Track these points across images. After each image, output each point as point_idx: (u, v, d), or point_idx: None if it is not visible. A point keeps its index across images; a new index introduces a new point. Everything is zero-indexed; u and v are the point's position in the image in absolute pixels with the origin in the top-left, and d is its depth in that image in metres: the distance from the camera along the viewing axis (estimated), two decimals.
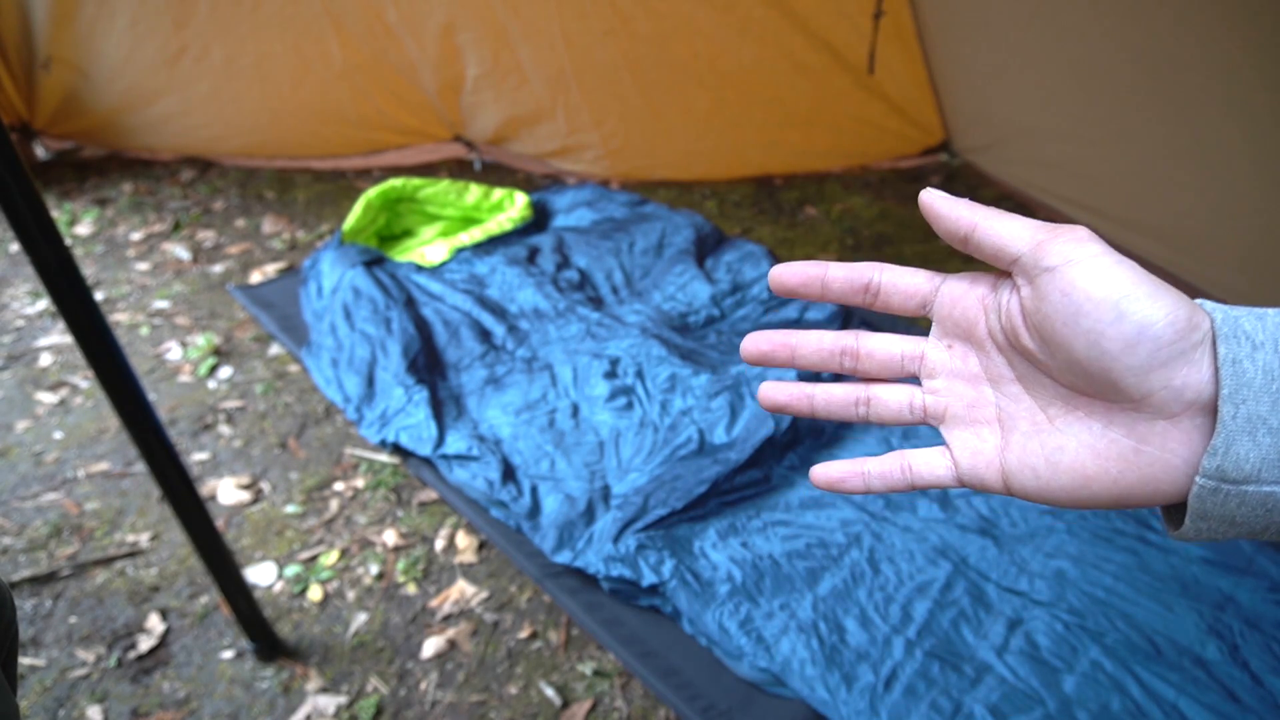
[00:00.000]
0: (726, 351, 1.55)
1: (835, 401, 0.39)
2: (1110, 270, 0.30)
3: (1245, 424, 0.28)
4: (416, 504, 1.70)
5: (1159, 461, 0.31)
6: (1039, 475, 0.34)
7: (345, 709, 1.32)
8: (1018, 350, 0.35)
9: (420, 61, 2.89)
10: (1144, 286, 0.30)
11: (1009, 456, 0.35)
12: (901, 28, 2.70)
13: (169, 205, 3.02)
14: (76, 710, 1.33)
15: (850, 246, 2.61)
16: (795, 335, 0.39)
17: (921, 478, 0.37)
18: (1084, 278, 0.30)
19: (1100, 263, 0.31)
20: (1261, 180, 1.89)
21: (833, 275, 0.37)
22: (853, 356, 0.39)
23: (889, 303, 0.38)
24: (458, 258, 1.84)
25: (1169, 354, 0.29)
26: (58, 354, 2.22)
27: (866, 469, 0.38)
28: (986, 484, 0.36)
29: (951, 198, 0.35)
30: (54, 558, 1.61)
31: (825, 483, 0.38)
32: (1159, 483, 0.31)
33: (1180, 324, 0.29)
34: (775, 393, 0.39)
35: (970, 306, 0.36)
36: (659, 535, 1.16)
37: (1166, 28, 1.96)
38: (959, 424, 0.37)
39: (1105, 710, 0.94)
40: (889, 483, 0.38)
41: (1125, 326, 0.30)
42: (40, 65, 3.00)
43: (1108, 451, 0.32)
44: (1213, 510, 0.29)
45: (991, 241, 0.34)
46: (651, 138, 2.95)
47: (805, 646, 1.02)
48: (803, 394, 0.39)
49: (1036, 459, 0.34)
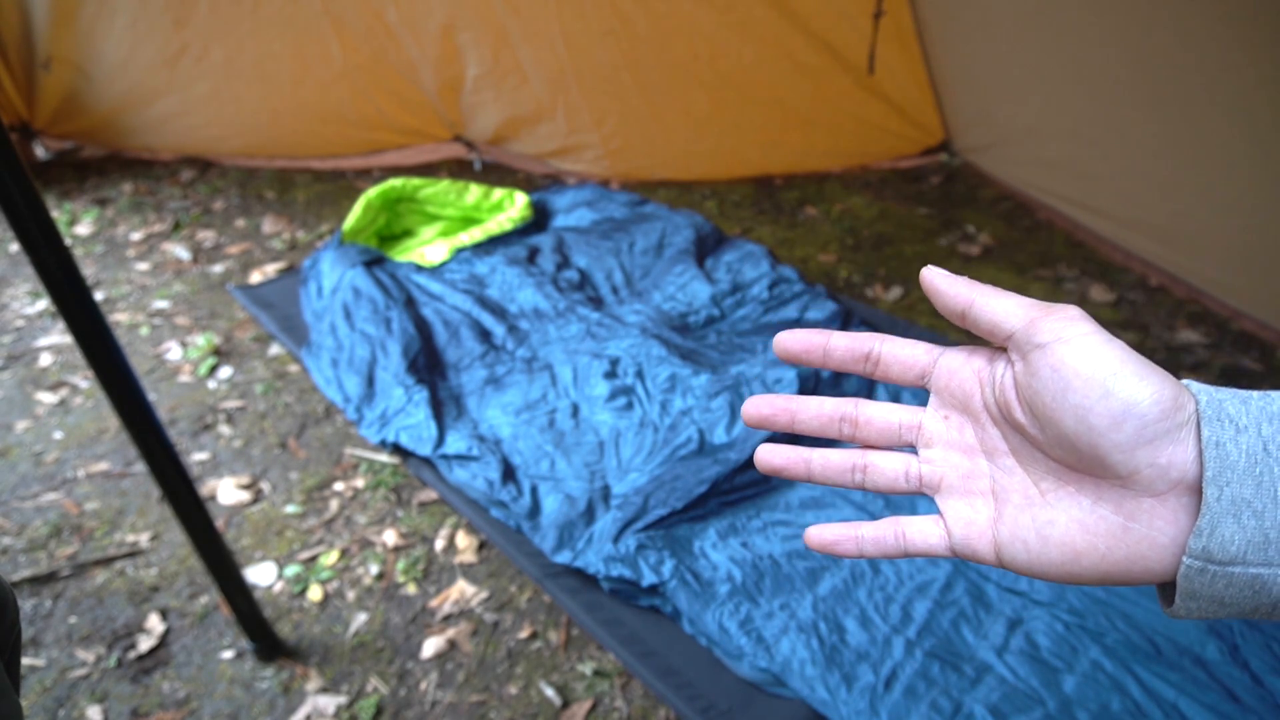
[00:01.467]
0: (726, 351, 1.55)
1: (832, 467, 0.39)
2: (1099, 349, 0.31)
3: (1230, 506, 0.29)
4: (416, 504, 1.70)
5: (1146, 539, 0.31)
6: (1029, 548, 0.34)
7: (345, 709, 1.32)
8: (1011, 424, 0.35)
9: (420, 61, 2.89)
10: (1131, 366, 0.31)
11: (1001, 529, 0.36)
12: (901, 28, 2.70)
13: (169, 205, 3.02)
14: (76, 710, 1.33)
15: (850, 246, 2.61)
16: (795, 401, 0.40)
17: (915, 545, 0.38)
18: (1073, 355, 0.31)
19: (1089, 341, 0.32)
20: (1261, 180, 1.89)
21: (834, 344, 0.38)
22: (851, 424, 0.39)
23: (888, 373, 0.39)
24: (458, 258, 1.84)
25: (1154, 432, 0.30)
26: (58, 354, 2.21)
27: (860, 534, 0.38)
28: (978, 554, 0.36)
29: (950, 275, 0.36)
30: (54, 558, 1.61)
31: (819, 545, 0.39)
32: (1147, 560, 0.32)
33: (1166, 403, 0.30)
34: (772, 456, 0.40)
35: (967, 379, 0.37)
36: (659, 535, 1.16)
37: (1166, 28, 1.96)
38: (954, 494, 0.38)
39: (1105, 710, 0.94)
40: (882, 548, 0.38)
41: (1112, 403, 0.30)
42: (40, 65, 3.00)
43: (1096, 527, 0.33)
44: (1201, 590, 0.30)
45: (987, 318, 0.35)
46: (651, 138, 2.95)
47: (805, 646, 1.02)
48: (800, 458, 0.39)
49: (1028, 532, 0.35)
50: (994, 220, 2.71)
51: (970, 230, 2.66)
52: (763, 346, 1.56)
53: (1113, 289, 2.31)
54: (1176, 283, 2.25)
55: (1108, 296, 2.27)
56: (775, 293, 1.69)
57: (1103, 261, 2.43)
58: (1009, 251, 2.53)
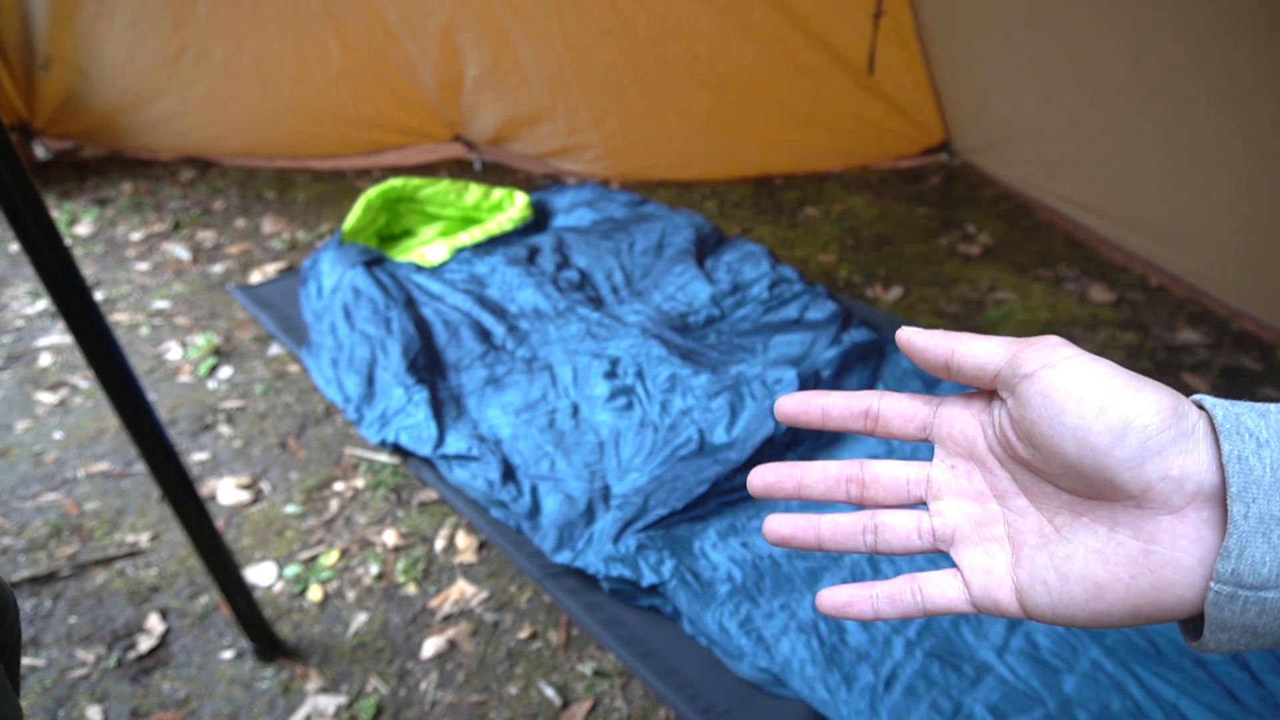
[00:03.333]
0: (726, 351, 1.55)
1: (842, 531, 0.38)
2: (1086, 368, 0.31)
3: (1258, 524, 0.27)
4: (416, 504, 1.70)
5: (1170, 562, 0.30)
6: (1050, 589, 0.33)
7: (345, 709, 1.32)
8: (1017, 461, 0.35)
9: (420, 61, 2.89)
10: (1122, 379, 0.30)
11: (1020, 573, 0.35)
12: (901, 28, 2.70)
13: (169, 205, 3.02)
14: (76, 710, 1.33)
15: (850, 246, 2.61)
16: (801, 467, 0.39)
17: (933, 602, 0.37)
18: (1061, 378, 0.31)
19: (1075, 363, 0.31)
20: (1261, 180, 1.89)
21: (832, 404, 0.38)
22: (858, 485, 0.39)
23: (889, 428, 0.38)
24: (458, 258, 1.84)
25: (1160, 443, 0.29)
26: (58, 354, 2.21)
27: (875, 593, 0.37)
28: (1000, 605, 0.35)
29: (925, 331, 0.36)
30: (54, 558, 1.61)
31: (832, 607, 0.38)
32: (1176, 587, 0.30)
33: (1165, 412, 0.29)
34: (781, 526, 0.39)
35: (968, 425, 0.37)
36: (659, 535, 1.16)
37: (1166, 28, 1.96)
38: (968, 544, 0.37)
39: (1105, 710, 0.94)
40: (899, 607, 0.37)
41: (1110, 419, 0.30)
42: (40, 65, 3.00)
43: (1116, 555, 0.31)
44: (1232, 620, 0.28)
45: (970, 363, 0.35)
46: (651, 138, 2.95)
47: (805, 646, 1.02)
48: (809, 526, 0.39)
49: (1046, 571, 0.34)
50: (994, 220, 2.71)
51: (970, 230, 2.66)
52: (762, 346, 1.56)
53: (1113, 289, 2.31)
54: (1176, 283, 2.25)
55: (1108, 296, 2.27)
56: (775, 293, 1.69)
57: (1103, 261, 2.43)
58: (1009, 251, 2.53)
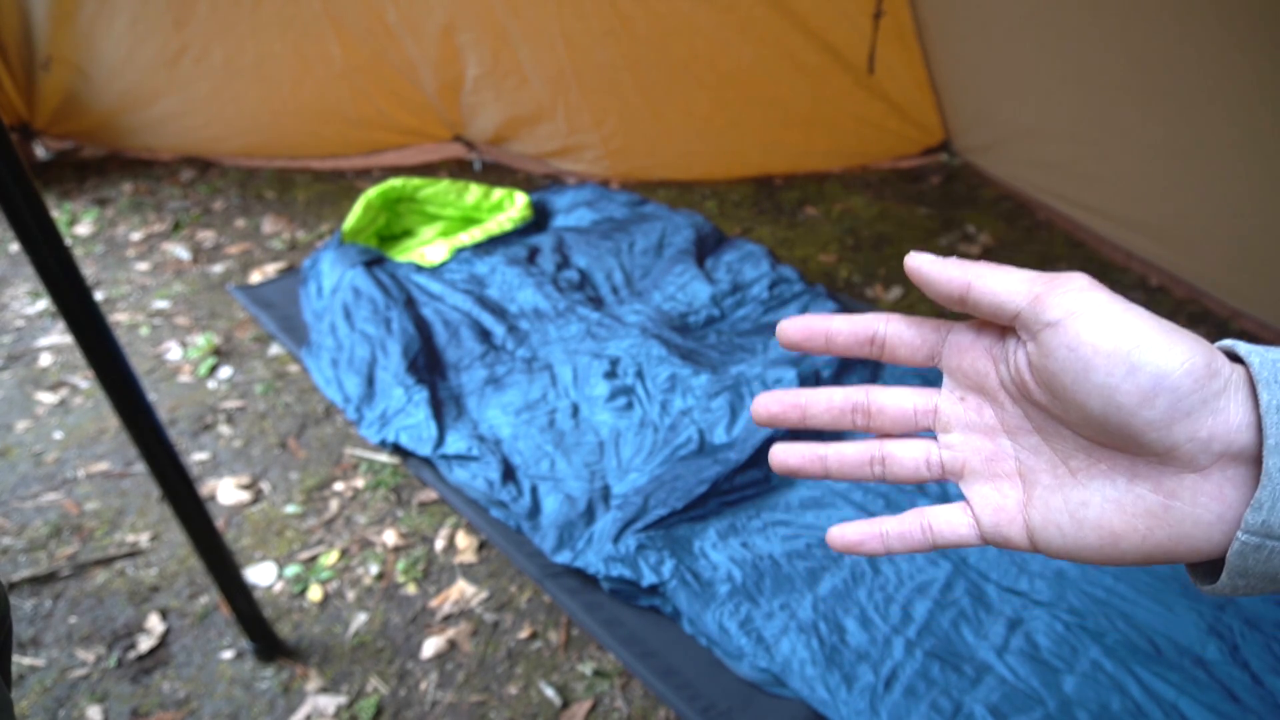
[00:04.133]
0: (726, 351, 1.55)
1: (849, 461, 0.37)
2: (1117, 319, 0.29)
3: None
4: (416, 504, 1.70)
5: (1190, 517, 0.29)
6: (1064, 532, 0.32)
7: (345, 709, 1.32)
8: (1032, 402, 0.33)
9: (420, 61, 2.89)
10: (1155, 334, 0.28)
11: (1032, 512, 0.33)
12: (901, 28, 2.70)
13: (169, 205, 3.02)
14: (76, 710, 1.33)
15: (850, 246, 2.61)
16: (805, 394, 0.38)
17: (943, 536, 0.36)
18: (1090, 330, 0.29)
19: (1106, 312, 0.29)
20: (1261, 180, 1.89)
21: (836, 328, 0.36)
22: (864, 414, 0.37)
23: (895, 355, 0.36)
24: (458, 258, 1.84)
25: (1190, 404, 0.28)
26: (58, 354, 2.21)
27: (885, 529, 0.36)
28: (1011, 540, 0.34)
29: (939, 259, 0.34)
30: (54, 558, 1.60)
31: (843, 546, 0.37)
32: (1192, 540, 0.29)
33: (1199, 371, 0.27)
34: (787, 455, 0.38)
35: (979, 357, 0.35)
36: (659, 535, 1.16)
37: (1166, 28, 1.96)
38: (978, 479, 0.35)
39: (1105, 710, 0.94)
40: (909, 543, 0.36)
41: (1140, 378, 0.28)
42: (40, 65, 3.00)
43: (1134, 507, 0.30)
44: (1255, 567, 0.28)
45: (988, 300, 0.32)
46: (651, 138, 2.95)
47: (805, 646, 1.02)
48: (815, 455, 0.38)
49: (1060, 515, 0.32)
50: (994, 220, 2.71)
51: (970, 230, 2.66)
52: (763, 346, 1.56)
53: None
54: (1176, 283, 2.25)
55: None
56: (775, 293, 1.69)
57: (1103, 261, 2.43)
58: (1009, 251, 2.53)
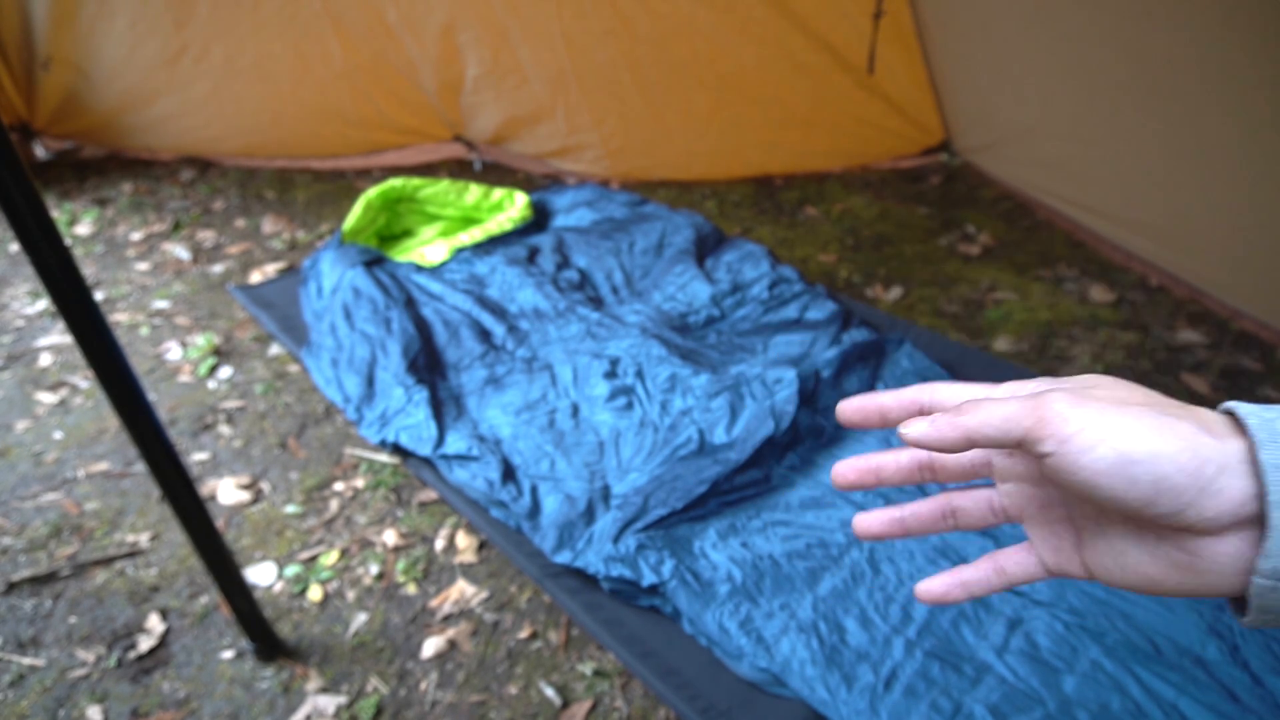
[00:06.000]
0: (726, 351, 1.55)
1: (925, 518, 0.42)
2: (1106, 435, 0.31)
3: None
4: (416, 504, 1.70)
5: (1213, 570, 0.32)
6: (1112, 574, 0.36)
7: (345, 709, 1.32)
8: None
9: (420, 61, 2.89)
10: (1145, 440, 0.31)
11: (1085, 555, 0.37)
12: (901, 28, 2.70)
13: (169, 205, 3.02)
14: (76, 710, 1.33)
15: (850, 246, 2.61)
16: (876, 459, 0.42)
17: (1016, 577, 0.40)
18: (1084, 455, 0.31)
19: (1093, 431, 0.31)
20: (1261, 180, 1.89)
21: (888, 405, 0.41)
22: (930, 470, 0.42)
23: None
24: (458, 258, 1.84)
25: (1190, 495, 0.30)
26: (58, 354, 2.21)
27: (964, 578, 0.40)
28: (1072, 575, 0.38)
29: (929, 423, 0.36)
30: (54, 558, 1.60)
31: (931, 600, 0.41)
32: (1219, 586, 0.32)
33: (1190, 466, 0.30)
34: (870, 524, 0.43)
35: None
36: (659, 535, 1.16)
37: (1165, 28, 1.96)
38: (1036, 523, 0.39)
39: (1105, 710, 0.94)
40: (990, 588, 0.40)
41: (1140, 488, 0.31)
42: (40, 65, 3.00)
43: (1165, 561, 0.34)
44: (1275, 605, 0.31)
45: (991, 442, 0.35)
46: (651, 138, 2.95)
47: (805, 646, 1.02)
48: (894, 519, 0.42)
49: (1108, 560, 0.36)
50: (994, 220, 2.71)
51: (970, 230, 2.66)
52: (762, 346, 1.56)
53: (1113, 289, 2.31)
54: (1176, 283, 2.25)
55: (1108, 296, 2.27)
56: (775, 293, 1.69)
57: (1103, 261, 2.43)
58: (1009, 251, 2.53)
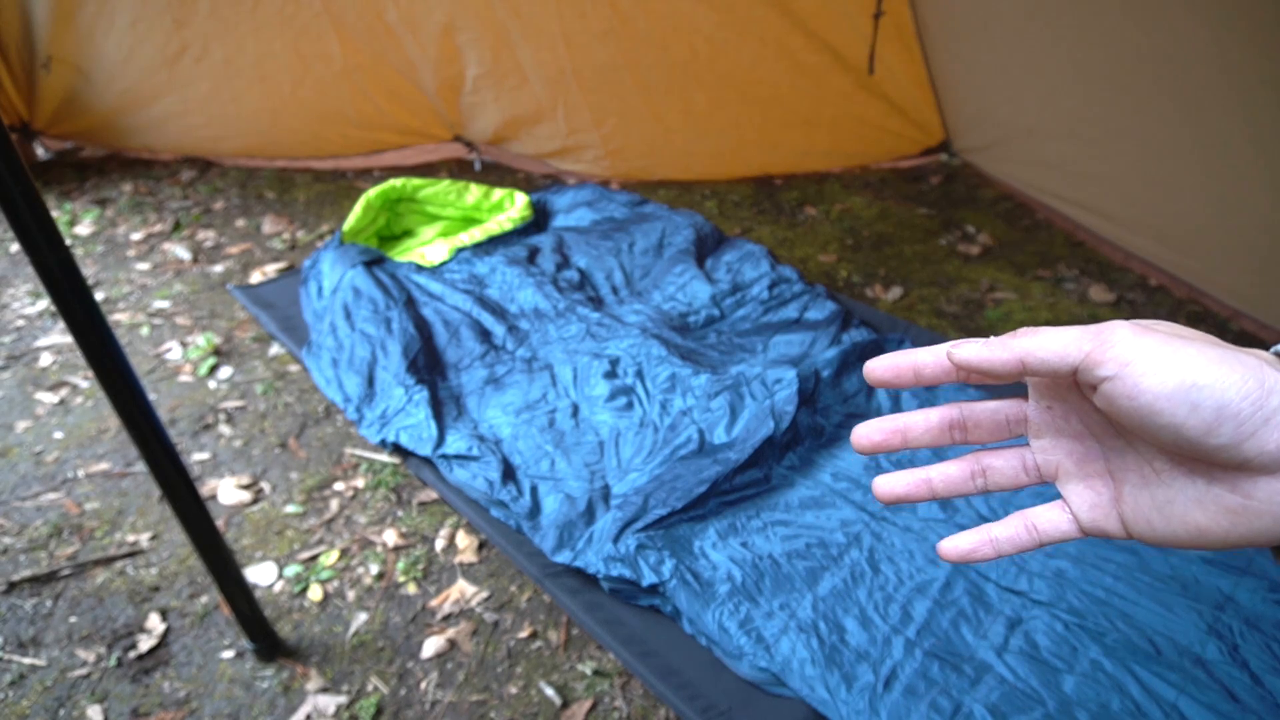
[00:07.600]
0: (726, 351, 1.55)
1: (953, 479, 0.40)
2: (1169, 361, 0.30)
3: None
4: (416, 504, 1.70)
5: (1268, 513, 0.31)
6: (1154, 526, 0.35)
7: (345, 709, 1.32)
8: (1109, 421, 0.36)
9: (420, 61, 2.89)
10: (1208, 365, 0.30)
11: (1124, 508, 0.36)
12: (901, 28, 2.70)
13: (169, 205, 3.02)
14: (76, 710, 1.33)
15: (850, 246, 2.61)
16: (903, 419, 0.40)
17: (1048, 535, 0.38)
18: (1146, 378, 0.31)
19: (1157, 357, 0.31)
20: (1261, 180, 1.89)
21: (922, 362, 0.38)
22: (961, 429, 0.40)
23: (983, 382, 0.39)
24: (458, 258, 1.84)
25: (1254, 425, 0.30)
26: (58, 354, 2.21)
27: (994, 535, 0.39)
28: (1109, 533, 0.37)
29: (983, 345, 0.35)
30: (54, 558, 1.61)
31: (956, 556, 0.39)
32: (1271, 530, 0.32)
33: (1255, 394, 0.29)
34: (894, 485, 0.40)
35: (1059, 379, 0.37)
36: (659, 535, 1.16)
37: (1167, 27, 1.96)
38: (1072, 479, 0.38)
39: (1105, 710, 0.94)
40: (1018, 545, 0.39)
41: (1203, 414, 0.30)
42: (40, 65, 3.00)
43: (1215, 505, 0.33)
44: None
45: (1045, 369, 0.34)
46: (651, 138, 2.95)
47: (805, 646, 1.02)
48: (920, 481, 0.40)
49: (1150, 511, 0.35)
50: (994, 220, 2.71)
51: (970, 230, 2.66)
52: (762, 346, 1.56)
53: (1113, 289, 2.31)
54: (1176, 283, 2.25)
55: (1108, 296, 2.27)
56: (775, 293, 1.69)
57: (1103, 261, 2.43)
58: (1009, 251, 2.53)
